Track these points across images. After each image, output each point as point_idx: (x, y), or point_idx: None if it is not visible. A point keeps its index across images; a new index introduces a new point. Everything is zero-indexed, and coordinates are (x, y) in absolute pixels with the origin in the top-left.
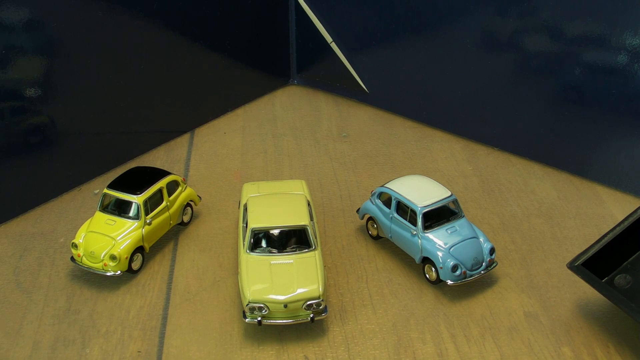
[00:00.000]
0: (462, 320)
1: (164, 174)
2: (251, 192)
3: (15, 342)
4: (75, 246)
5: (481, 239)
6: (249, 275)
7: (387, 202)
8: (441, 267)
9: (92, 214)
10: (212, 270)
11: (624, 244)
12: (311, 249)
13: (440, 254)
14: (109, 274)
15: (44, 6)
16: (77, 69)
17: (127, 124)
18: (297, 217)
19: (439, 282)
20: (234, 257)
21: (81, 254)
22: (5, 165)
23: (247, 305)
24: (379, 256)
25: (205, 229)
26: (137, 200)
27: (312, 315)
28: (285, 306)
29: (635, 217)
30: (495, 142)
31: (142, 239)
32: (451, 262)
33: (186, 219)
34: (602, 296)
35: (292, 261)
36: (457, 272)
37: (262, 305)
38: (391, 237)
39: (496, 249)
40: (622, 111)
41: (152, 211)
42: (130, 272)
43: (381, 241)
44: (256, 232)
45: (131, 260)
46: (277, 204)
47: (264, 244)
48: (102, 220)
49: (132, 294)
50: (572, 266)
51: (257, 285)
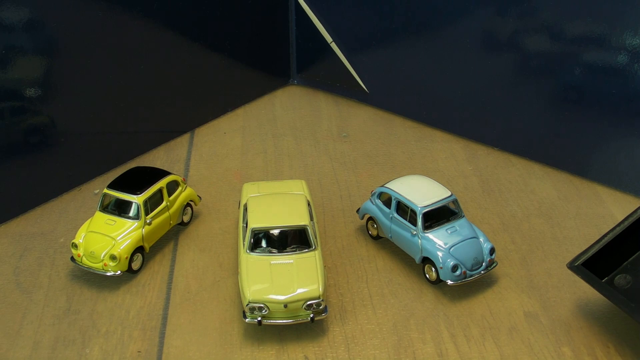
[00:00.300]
0: (462, 320)
1: (164, 174)
2: (251, 192)
3: (15, 342)
4: (75, 246)
5: (481, 239)
6: (249, 275)
7: (387, 202)
8: (441, 267)
9: (92, 214)
10: (212, 270)
11: (624, 244)
12: (311, 249)
13: (440, 254)
14: (109, 274)
15: (44, 6)
16: (77, 69)
17: (127, 124)
18: (297, 217)
19: (439, 282)
20: (234, 257)
21: (81, 254)
22: (5, 165)
23: (247, 305)
24: (379, 256)
25: (205, 229)
26: (137, 200)
27: (312, 315)
28: (285, 306)
29: (635, 217)
30: (495, 142)
31: (142, 239)
32: (451, 262)
33: (186, 219)
34: (602, 296)
35: (292, 261)
36: (457, 272)
37: (262, 305)
38: (391, 237)
39: (496, 249)
40: (622, 111)
41: (152, 211)
42: (130, 272)
43: (381, 241)
44: (256, 232)
45: (131, 260)
46: (277, 204)
47: (264, 244)
48: (102, 220)
49: (132, 294)
50: (572, 266)
51: (257, 285)
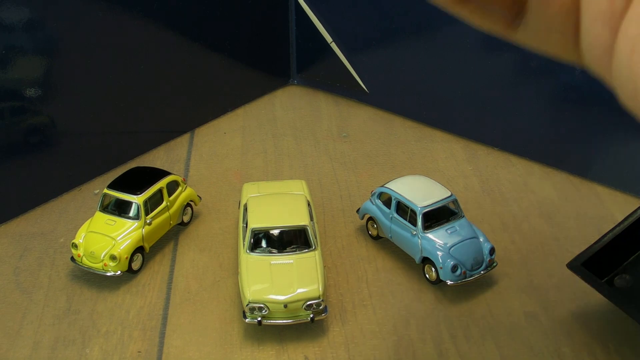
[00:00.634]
0: (462, 320)
1: (164, 174)
2: (251, 192)
3: (15, 342)
4: (75, 246)
5: (481, 239)
6: (249, 275)
7: (387, 202)
8: (441, 267)
9: (92, 214)
10: (212, 270)
11: (624, 244)
12: (311, 249)
13: (440, 254)
14: (109, 274)
15: (44, 6)
16: (77, 69)
17: (127, 124)
18: (297, 217)
19: (439, 282)
20: (234, 257)
21: (81, 254)
22: (5, 165)
23: (247, 305)
24: (379, 256)
25: (205, 229)
26: (137, 200)
27: (312, 315)
28: (285, 306)
29: (635, 217)
30: (495, 142)
31: (142, 239)
32: (451, 262)
33: (186, 219)
34: (602, 296)
35: (292, 261)
36: (457, 272)
37: (262, 305)
38: (391, 237)
39: (496, 249)
40: (622, 111)
41: (152, 211)
42: (130, 272)
43: (381, 241)
44: (256, 232)
45: (131, 260)
46: (277, 204)
47: (264, 244)
48: (102, 220)
49: (132, 294)
50: (572, 266)
51: (257, 285)
